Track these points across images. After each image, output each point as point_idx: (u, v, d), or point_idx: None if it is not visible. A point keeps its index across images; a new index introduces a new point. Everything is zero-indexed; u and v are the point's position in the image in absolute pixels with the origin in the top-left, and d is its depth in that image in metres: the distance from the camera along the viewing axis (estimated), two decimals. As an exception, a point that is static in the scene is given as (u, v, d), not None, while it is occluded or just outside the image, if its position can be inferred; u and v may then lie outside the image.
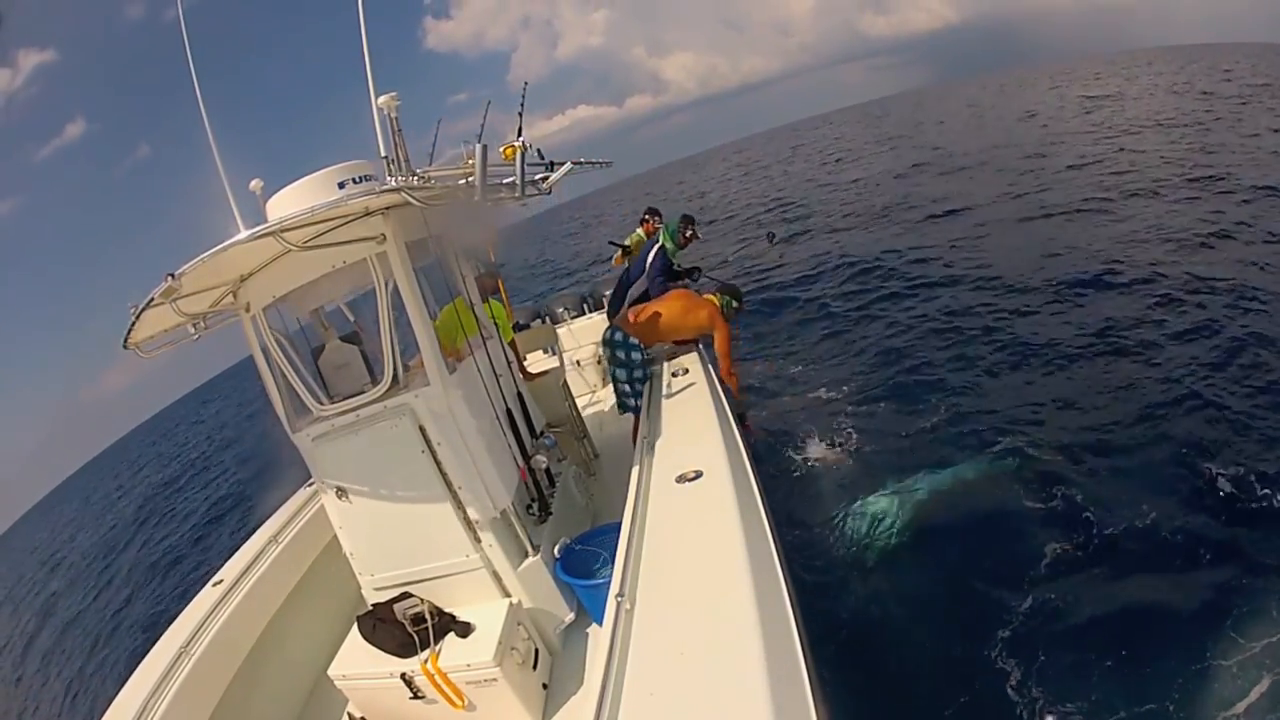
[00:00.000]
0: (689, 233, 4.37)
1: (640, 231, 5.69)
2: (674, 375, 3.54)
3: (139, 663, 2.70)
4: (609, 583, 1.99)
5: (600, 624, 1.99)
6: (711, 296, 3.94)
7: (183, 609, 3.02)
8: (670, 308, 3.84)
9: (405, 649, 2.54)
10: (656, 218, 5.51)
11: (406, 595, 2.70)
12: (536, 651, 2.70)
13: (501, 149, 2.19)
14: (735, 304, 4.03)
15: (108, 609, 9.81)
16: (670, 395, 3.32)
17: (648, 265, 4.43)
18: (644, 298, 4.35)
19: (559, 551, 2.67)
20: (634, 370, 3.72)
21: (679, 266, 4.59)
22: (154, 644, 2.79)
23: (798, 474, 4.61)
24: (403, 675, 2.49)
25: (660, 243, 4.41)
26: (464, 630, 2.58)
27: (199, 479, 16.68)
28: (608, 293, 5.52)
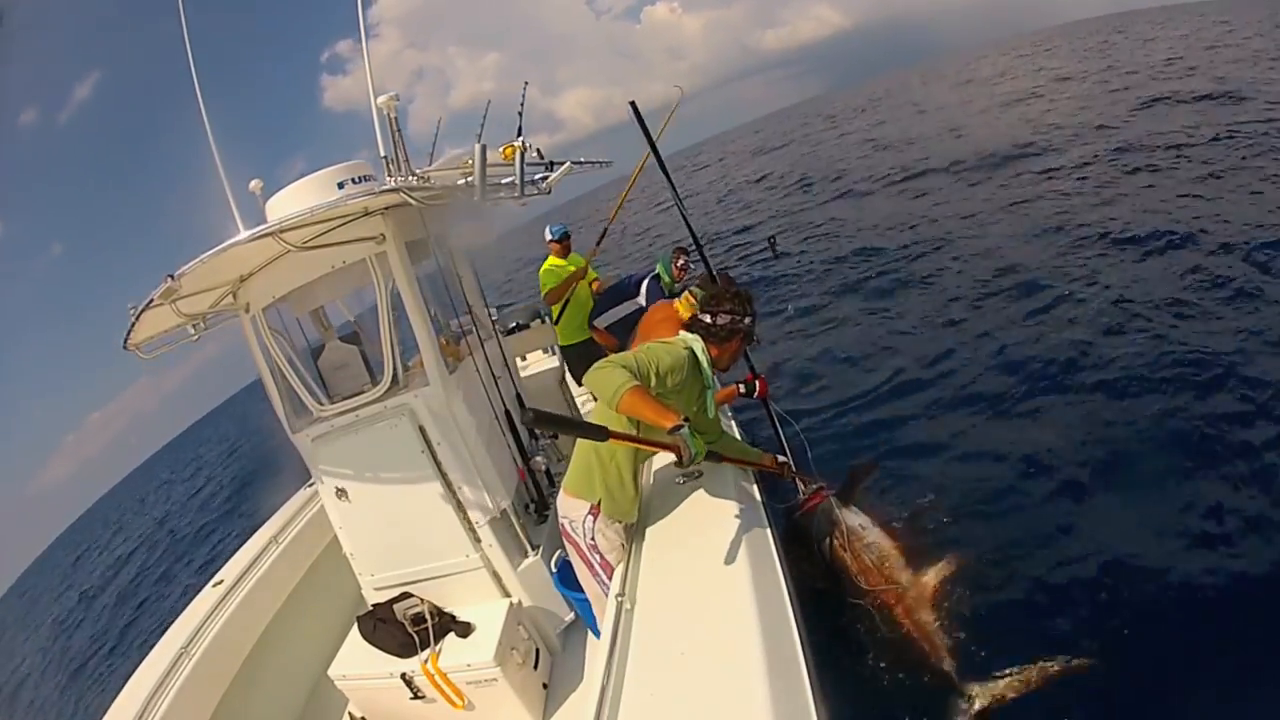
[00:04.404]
0: (680, 262, 4.42)
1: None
2: None
3: (139, 663, 2.70)
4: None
5: (599, 637, 1.98)
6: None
7: (183, 610, 3.02)
8: (637, 347, 3.28)
9: (405, 649, 2.54)
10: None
11: (406, 595, 2.70)
12: (537, 651, 2.70)
13: (501, 149, 2.19)
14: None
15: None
16: None
17: (643, 291, 4.46)
18: (633, 318, 4.31)
19: (556, 565, 2.65)
20: None
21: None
22: (154, 645, 2.79)
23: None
24: (403, 675, 2.49)
25: (655, 273, 4.46)
26: (464, 630, 2.58)
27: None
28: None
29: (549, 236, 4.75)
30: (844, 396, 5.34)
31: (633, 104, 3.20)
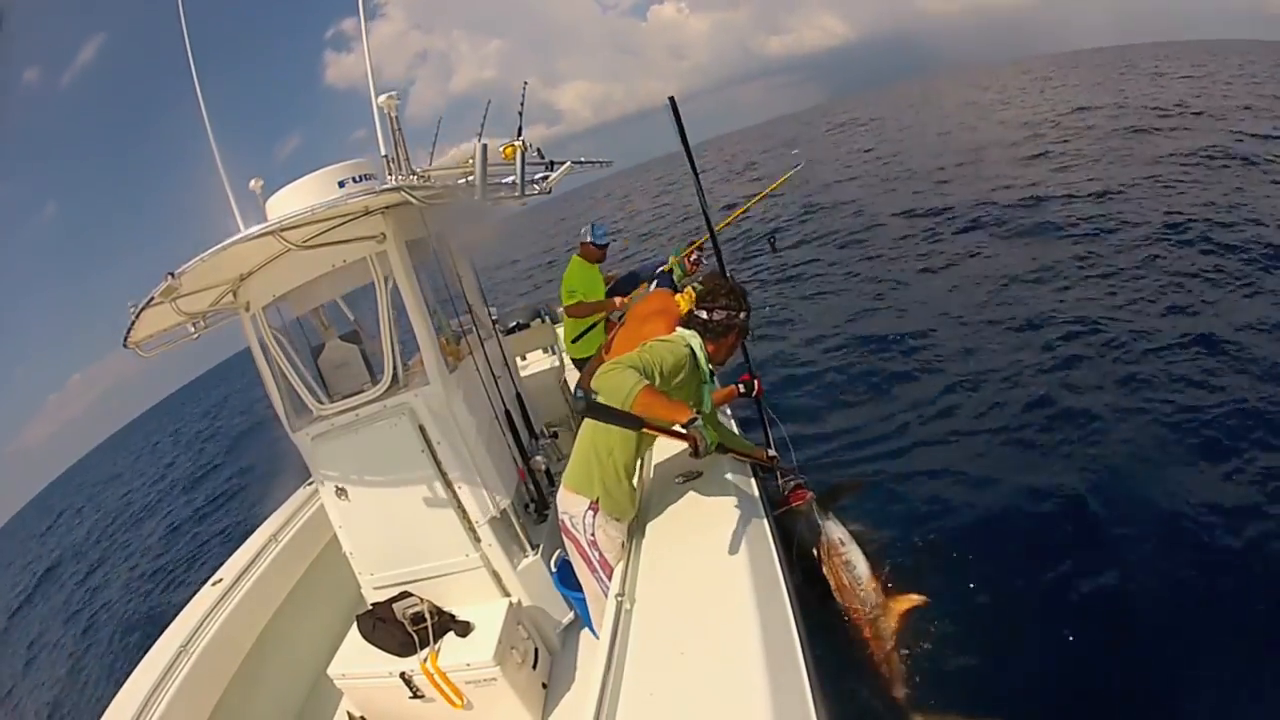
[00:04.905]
0: (694, 258, 4.42)
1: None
2: None
3: (138, 662, 2.70)
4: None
5: (598, 636, 1.99)
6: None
7: (182, 609, 3.02)
8: (626, 332, 3.29)
9: (405, 648, 2.54)
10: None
11: (406, 594, 2.70)
12: (536, 651, 2.70)
13: (501, 148, 2.19)
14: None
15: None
16: None
17: (652, 285, 4.47)
18: None
19: (555, 564, 2.65)
20: None
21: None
22: (153, 643, 2.79)
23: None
24: (402, 674, 2.49)
25: (668, 267, 4.46)
26: (463, 629, 2.58)
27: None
28: None
29: (590, 238, 4.44)
30: (845, 423, 5.19)
31: (675, 108, 2.83)
